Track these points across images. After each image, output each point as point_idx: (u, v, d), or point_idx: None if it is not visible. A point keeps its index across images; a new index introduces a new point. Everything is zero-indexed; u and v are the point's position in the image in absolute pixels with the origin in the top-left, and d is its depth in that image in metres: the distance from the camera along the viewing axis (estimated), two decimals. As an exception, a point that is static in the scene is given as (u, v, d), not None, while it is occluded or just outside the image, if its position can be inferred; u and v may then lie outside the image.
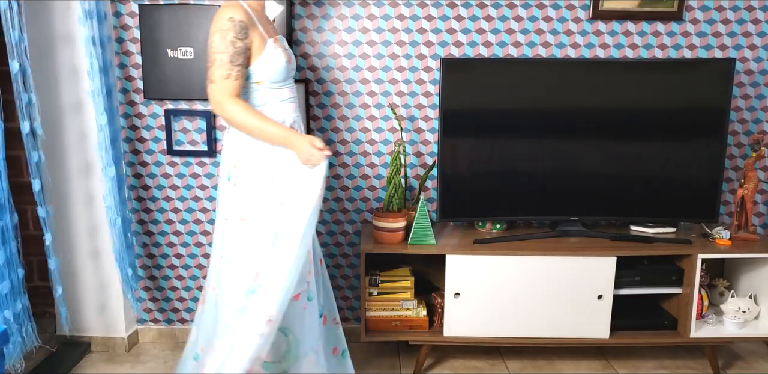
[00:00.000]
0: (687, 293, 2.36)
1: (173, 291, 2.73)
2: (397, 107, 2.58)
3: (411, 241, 2.36)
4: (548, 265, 2.31)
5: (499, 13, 2.51)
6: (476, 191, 2.45)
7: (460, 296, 2.33)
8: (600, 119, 2.42)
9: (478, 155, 2.44)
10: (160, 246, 2.69)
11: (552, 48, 2.54)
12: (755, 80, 2.58)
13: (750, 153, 2.49)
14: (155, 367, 2.53)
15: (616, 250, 2.33)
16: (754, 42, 2.54)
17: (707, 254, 2.31)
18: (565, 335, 2.37)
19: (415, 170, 2.65)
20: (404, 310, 2.40)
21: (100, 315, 2.62)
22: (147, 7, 2.45)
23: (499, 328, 2.36)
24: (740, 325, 2.38)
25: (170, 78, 2.49)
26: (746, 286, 2.50)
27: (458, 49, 2.54)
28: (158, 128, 2.59)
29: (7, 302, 1.98)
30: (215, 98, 1.83)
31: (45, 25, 2.35)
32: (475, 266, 2.31)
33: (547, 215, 2.53)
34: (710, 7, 2.51)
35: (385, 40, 2.53)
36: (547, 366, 2.53)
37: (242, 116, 1.83)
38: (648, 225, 2.53)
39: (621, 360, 2.57)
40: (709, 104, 2.39)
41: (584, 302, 2.34)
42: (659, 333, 2.42)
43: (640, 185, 2.46)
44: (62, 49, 2.36)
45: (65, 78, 2.39)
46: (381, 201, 2.64)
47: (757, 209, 2.69)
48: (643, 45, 2.54)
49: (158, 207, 2.66)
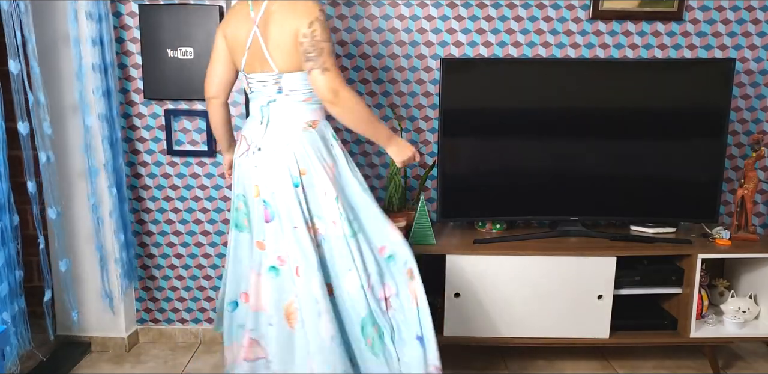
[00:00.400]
0: (687, 293, 2.36)
1: (173, 291, 2.73)
2: (397, 107, 2.58)
3: (411, 241, 2.36)
4: (548, 265, 2.31)
5: (499, 13, 2.51)
6: (476, 191, 2.45)
7: (460, 296, 2.33)
8: (600, 119, 2.42)
9: (478, 155, 2.44)
10: (160, 246, 2.69)
11: (552, 48, 2.54)
12: (755, 80, 2.58)
13: (750, 153, 2.49)
14: (155, 367, 2.53)
15: (616, 250, 2.33)
16: (754, 42, 2.54)
17: (707, 254, 2.31)
18: (565, 335, 2.37)
19: (415, 170, 2.65)
20: (404, 310, 2.40)
21: (100, 315, 2.62)
22: (147, 7, 2.45)
23: (499, 328, 2.36)
24: (740, 325, 2.38)
25: (170, 78, 2.49)
26: (746, 286, 2.50)
27: (458, 49, 2.54)
28: (158, 128, 2.59)
29: (6, 304, 1.97)
30: (333, 85, 1.80)
31: (47, 25, 2.35)
32: (475, 266, 2.31)
33: (547, 215, 2.53)
34: (710, 7, 2.51)
35: (385, 40, 2.53)
36: (547, 366, 2.53)
37: (360, 104, 1.84)
38: (648, 225, 2.53)
39: (621, 360, 2.57)
40: (709, 104, 2.39)
41: (584, 302, 2.34)
42: (659, 333, 2.42)
43: (640, 185, 2.46)
44: (63, 49, 2.36)
45: (67, 78, 2.38)
46: (381, 201, 2.64)
47: (757, 209, 2.69)
48: (643, 45, 2.54)
49: (158, 207, 2.66)
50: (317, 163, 1.92)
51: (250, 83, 1.98)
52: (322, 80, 1.80)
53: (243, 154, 1.99)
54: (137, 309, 2.75)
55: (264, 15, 1.89)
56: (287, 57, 1.88)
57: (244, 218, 2.01)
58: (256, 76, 1.94)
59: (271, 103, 1.95)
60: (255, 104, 1.99)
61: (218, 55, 2.01)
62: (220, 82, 2.04)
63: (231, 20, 1.96)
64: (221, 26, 2.00)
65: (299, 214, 1.89)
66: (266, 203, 1.92)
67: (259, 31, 1.88)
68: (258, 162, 1.93)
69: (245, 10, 1.92)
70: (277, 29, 1.86)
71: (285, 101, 1.95)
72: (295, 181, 1.89)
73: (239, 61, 1.97)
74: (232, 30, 1.94)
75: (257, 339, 1.96)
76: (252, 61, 1.93)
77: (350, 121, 1.87)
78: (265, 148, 1.93)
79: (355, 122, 1.88)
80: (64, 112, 2.42)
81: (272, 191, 1.91)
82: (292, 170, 1.90)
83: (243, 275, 2.04)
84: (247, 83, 2.01)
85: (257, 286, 1.94)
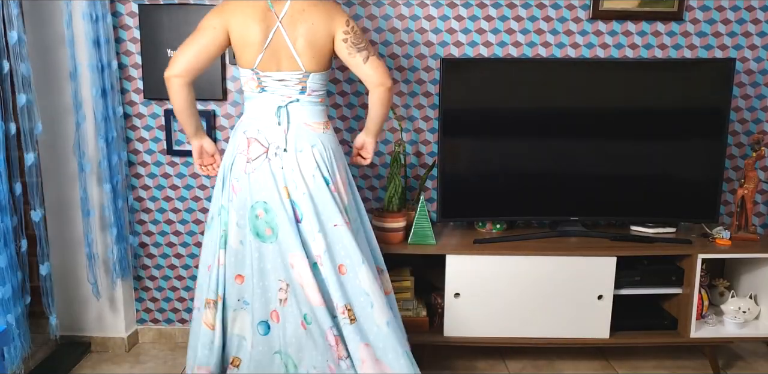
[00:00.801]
0: (687, 293, 2.36)
1: (173, 291, 2.73)
2: (397, 106, 2.58)
3: (411, 241, 2.36)
4: (548, 265, 2.31)
5: (499, 13, 2.51)
6: (476, 191, 2.45)
7: (460, 296, 2.33)
8: (600, 119, 2.42)
9: (478, 155, 2.44)
10: (160, 246, 2.69)
11: (552, 48, 2.54)
12: (755, 80, 2.58)
13: (750, 153, 2.49)
14: (155, 367, 2.53)
15: (616, 250, 2.33)
16: (754, 42, 2.54)
17: (707, 254, 2.31)
18: (565, 335, 2.37)
19: (415, 170, 2.65)
20: (404, 310, 2.39)
21: (100, 315, 2.62)
22: (147, 7, 2.45)
23: (499, 328, 2.36)
24: (740, 325, 2.38)
25: (170, 78, 2.49)
26: (746, 286, 2.50)
27: (458, 49, 2.54)
28: (158, 128, 2.59)
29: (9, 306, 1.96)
30: (386, 70, 1.98)
31: (45, 25, 2.34)
32: (475, 266, 2.31)
33: (547, 215, 2.53)
34: (710, 7, 2.51)
35: (385, 40, 2.53)
36: (547, 366, 2.53)
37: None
38: (648, 225, 2.53)
39: (621, 360, 2.57)
40: (709, 104, 2.39)
41: (584, 302, 2.34)
42: (659, 333, 2.42)
43: (640, 185, 2.46)
44: (61, 49, 2.36)
45: (64, 78, 2.38)
46: (381, 201, 2.64)
47: (757, 209, 2.69)
48: (643, 45, 2.54)
49: (158, 207, 2.66)
50: (339, 163, 2.01)
51: (264, 82, 1.93)
52: (379, 65, 1.95)
53: (259, 157, 1.93)
54: (137, 309, 2.74)
55: (290, 13, 1.88)
56: (318, 56, 1.92)
57: (267, 228, 1.93)
58: (275, 75, 1.92)
59: (292, 103, 1.94)
60: (267, 104, 1.95)
61: (206, 43, 1.89)
62: (191, 67, 1.89)
63: (240, 15, 1.88)
64: (224, 17, 1.89)
65: (337, 212, 1.92)
66: (295, 204, 1.91)
67: (284, 30, 1.88)
68: (285, 163, 1.92)
69: (261, 7, 1.88)
70: (309, 28, 1.89)
71: (306, 101, 1.96)
72: (327, 180, 1.93)
73: (250, 59, 1.91)
74: (243, 26, 1.88)
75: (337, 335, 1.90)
76: (270, 59, 1.91)
77: (387, 104, 2.02)
78: (291, 149, 1.93)
79: (388, 106, 2.03)
80: (62, 112, 2.42)
81: (304, 191, 1.91)
82: (323, 170, 1.93)
83: (272, 290, 1.97)
84: (257, 82, 1.95)
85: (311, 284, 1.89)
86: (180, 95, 1.92)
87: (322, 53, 1.93)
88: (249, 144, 1.95)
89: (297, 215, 1.91)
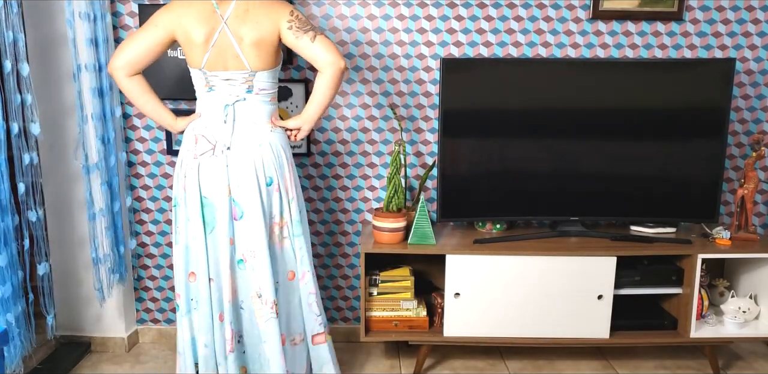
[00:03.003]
0: (687, 293, 2.36)
1: (173, 291, 2.73)
2: (397, 107, 2.58)
3: (411, 241, 2.36)
4: (548, 265, 2.31)
5: (499, 13, 2.51)
6: (476, 191, 2.45)
7: (460, 296, 2.33)
8: (600, 119, 2.42)
9: (478, 155, 2.44)
10: (160, 246, 2.69)
11: (552, 48, 2.54)
12: (755, 80, 2.58)
13: (750, 153, 2.49)
14: (155, 367, 2.53)
15: (616, 250, 2.33)
16: (754, 42, 2.54)
17: (707, 254, 2.31)
18: (565, 335, 2.37)
19: (415, 170, 2.65)
20: (404, 310, 2.40)
21: (100, 315, 2.62)
22: (147, 7, 2.44)
23: (499, 328, 2.36)
24: (740, 325, 2.38)
25: (170, 78, 2.49)
26: (746, 286, 2.50)
27: (458, 49, 2.54)
28: (158, 128, 2.59)
29: (9, 305, 1.96)
30: (334, 46, 1.93)
31: (44, 25, 2.34)
32: (475, 266, 2.31)
33: (547, 215, 2.53)
34: (710, 7, 2.51)
35: (385, 40, 2.53)
36: (547, 366, 2.53)
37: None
38: (648, 225, 2.53)
39: (621, 360, 2.57)
40: (709, 104, 2.39)
41: (584, 302, 2.34)
42: (659, 333, 2.42)
43: (641, 185, 2.46)
44: (59, 49, 2.36)
45: (64, 78, 2.38)
46: (381, 201, 2.64)
47: (757, 209, 2.69)
48: (643, 45, 2.54)
49: (158, 207, 2.66)
50: (285, 163, 2.01)
51: (211, 81, 1.96)
52: (329, 44, 1.91)
53: (205, 153, 1.97)
54: (137, 309, 2.74)
55: (234, 14, 1.90)
56: (263, 55, 1.92)
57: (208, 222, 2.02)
58: (221, 74, 1.94)
59: (238, 102, 1.96)
60: (215, 103, 1.97)
61: (149, 41, 1.92)
62: (132, 61, 1.92)
63: (185, 16, 1.91)
64: (170, 16, 1.91)
65: (278, 212, 2.01)
66: (235, 202, 1.97)
67: (229, 30, 1.89)
68: (229, 162, 1.95)
69: (207, 8, 1.91)
70: (253, 27, 1.90)
71: (254, 100, 1.97)
72: (269, 180, 1.97)
73: (197, 59, 1.94)
74: (188, 26, 1.90)
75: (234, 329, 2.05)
76: (217, 59, 1.93)
77: (336, 87, 1.96)
78: (235, 147, 1.96)
79: (336, 90, 1.97)
80: (61, 112, 2.42)
81: (245, 190, 1.96)
82: (266, 170, 1.96)
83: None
84: (205, 81, 1.98)
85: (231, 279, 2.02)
86: (127, 87, 1.97)
87: (268, 52, 1.94)
88: (196, 141, 1.99)
89: (236, 213, 1.98)
